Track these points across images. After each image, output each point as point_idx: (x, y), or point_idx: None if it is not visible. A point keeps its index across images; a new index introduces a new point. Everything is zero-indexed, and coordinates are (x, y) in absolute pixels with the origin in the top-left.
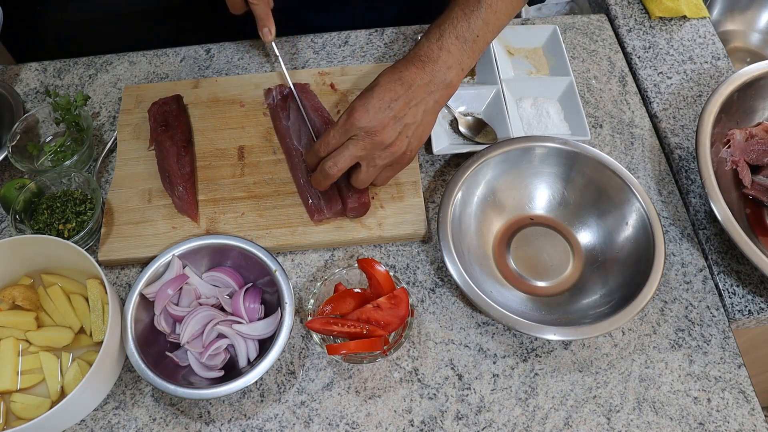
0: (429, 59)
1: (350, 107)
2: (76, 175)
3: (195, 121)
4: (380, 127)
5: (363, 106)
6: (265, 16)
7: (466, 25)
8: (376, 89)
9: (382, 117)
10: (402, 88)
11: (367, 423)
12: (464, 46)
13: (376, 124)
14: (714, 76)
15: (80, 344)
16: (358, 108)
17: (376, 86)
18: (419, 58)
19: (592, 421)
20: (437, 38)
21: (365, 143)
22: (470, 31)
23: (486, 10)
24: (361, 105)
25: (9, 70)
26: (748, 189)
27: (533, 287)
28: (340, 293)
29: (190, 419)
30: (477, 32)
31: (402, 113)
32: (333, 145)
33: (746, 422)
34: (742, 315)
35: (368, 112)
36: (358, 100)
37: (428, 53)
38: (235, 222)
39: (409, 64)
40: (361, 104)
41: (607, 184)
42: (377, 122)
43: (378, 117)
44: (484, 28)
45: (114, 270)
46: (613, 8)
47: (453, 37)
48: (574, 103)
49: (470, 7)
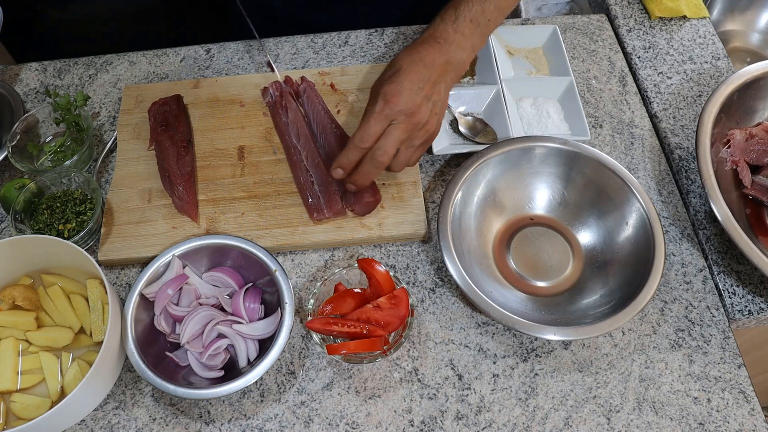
0: (445, 40)
1: (382, 93)
2: (76, 175)
3: (195, 121)
4: (416, 108)
5: (396, 90)
6: None
7: (480, 9)
8: (402, 73)
9: (416, 98)
10: (426, 69)
11: (367, 423)
12: (476, 30)
13: (412, 105)
14: (714, 76)
15: (80, 344)
16: (393, 93)
17: (401, 70)
18: (436, 39)
19: (592, 421)
20: (453, 20)
21: (406, 125)
22: (483, 15)
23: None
24: (395, 89)
25: (9, 70)
26: (748, 189)
27: (533, 287)
28: (340, 293)
29: (190, 419)
30: (489, 16)
31: (430, 92)
32: (375, 132)
33: (746, 422)
34: (742, 315)
35: (402, 95)
36: (389, 85)
37: (444, 35)
38: (235, 222)
39: (427, 45)
40: (394, 89)
41: (607, 184)
42: (413, 104)
43: (413, 98)
44: (496, 13)
45: (114, 270)
46: (613, 8)
47: (467, 21)
48: (574, 103)
49: None
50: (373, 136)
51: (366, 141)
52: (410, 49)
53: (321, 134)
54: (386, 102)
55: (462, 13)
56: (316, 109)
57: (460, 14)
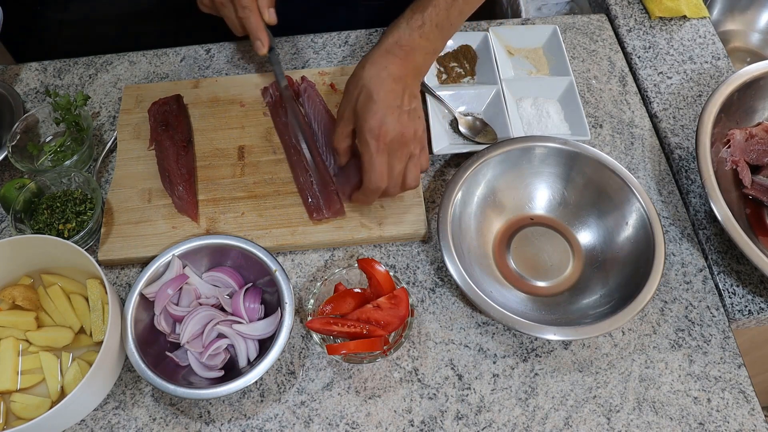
0: (411, 47)
1: (368, 130)
2: (76, 175)
3: (195, 121)
4: (403, 129)
5: (380, 121)
6: (255, 28)
7: (445, 14)
8: (376, 98)
9: (400, 119)
10: (395, 83)
11: (367, 423)
12: (440, 34)
13: (399, 127)
14: (714, 76)
15: (80, 344)
16: (379, 125)
17: (372, 95)
18: (401, 47)
19: (592, 421)
20: (419, 25)
21: (403, 150)
22: (448, 20)
23: (463, 1)
24: (379, 121)
25: (9, 70)
26: (748, 189)
27: (533, 287)
28: (340, 293)
29: (190, 419)
30: (452, 21)
31: (407, 104)
32: (384, 171)
33: (746, 422)
34: (742, 315)
35: (387, 124)
36: (370, 118)
37: (410, 41)
38: (235, 222)
39: (392, 55)
40: (378, 121)
41: (607, 184)
42: (400, 126)
43: (397, 121)
44: (458, 17)
45: (114, 270)
46: (613, 8)
47: (434, 26)
48: (574, 103)
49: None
50: (386, 175)
51: (382, 182)
52: (373, 63)
53: (322, 134)
54: (378, 139)
55: (428, 18)
56: (317, 109)
57: (427, 20)
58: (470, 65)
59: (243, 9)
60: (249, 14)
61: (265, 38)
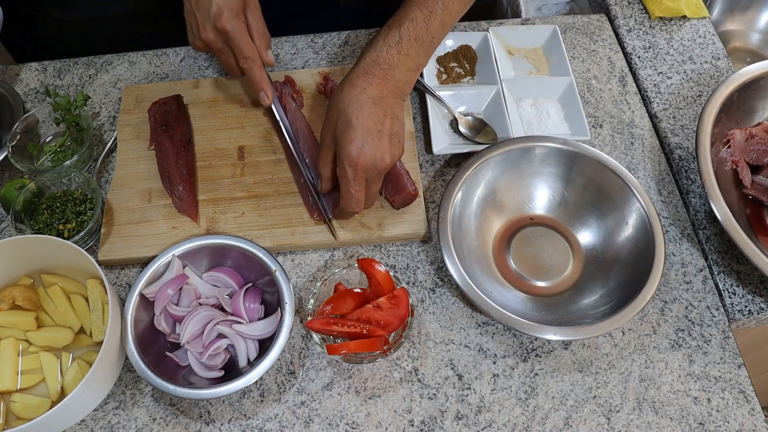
0: (390, 65)
1: (346, 157)
2: (76, 175)
3: (195, 121)
4: (382, 153)
5: (358, 150)
6: (259, 80)
7: (424, 27)
8: (355, 125)
9: (380, 144)
10: (375, 106)
11: (367, 423)
12: (421, 48)
13: (379, 154)
14: (714, 76)
15: (80, 344)
16: (358, 154)
17: (351, 120)
18: (379, 66)
19: (592, 421)
20: (396, 41)
21: (382, 176)
22: (428, 34)
23: (443, 12)
24: (357, 149)
25: (9, 70)
26: (748, 189)
27: (533, 287)
28: (340, 293)
29: (190, 419)
30: (433, 34)
31: (387, 128)
32: (361, 198)
33: (746, 422)
34: (742, 315)
35: (366, 152)
36: (348, 144)
37: (388, 59)
38: (235, 222)
39: (370, 75)
40: (356, 149)
41: (607, 184)
42: (378, 152)
43: (377, 147)
44: (440, 29)
45: (114, 270)
46: (613, 8)
47: (412, 40)
48: (574, 103)
49: (428, 8)
50: (362, 201)
51: (358, 207)
52: (352, 85)
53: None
54: (355, 168)
55: (406, 33)
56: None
57: (404, 35)
58: (470, 65)
59: (245, 60)
60: (252, 65)
61: (270, 90)
